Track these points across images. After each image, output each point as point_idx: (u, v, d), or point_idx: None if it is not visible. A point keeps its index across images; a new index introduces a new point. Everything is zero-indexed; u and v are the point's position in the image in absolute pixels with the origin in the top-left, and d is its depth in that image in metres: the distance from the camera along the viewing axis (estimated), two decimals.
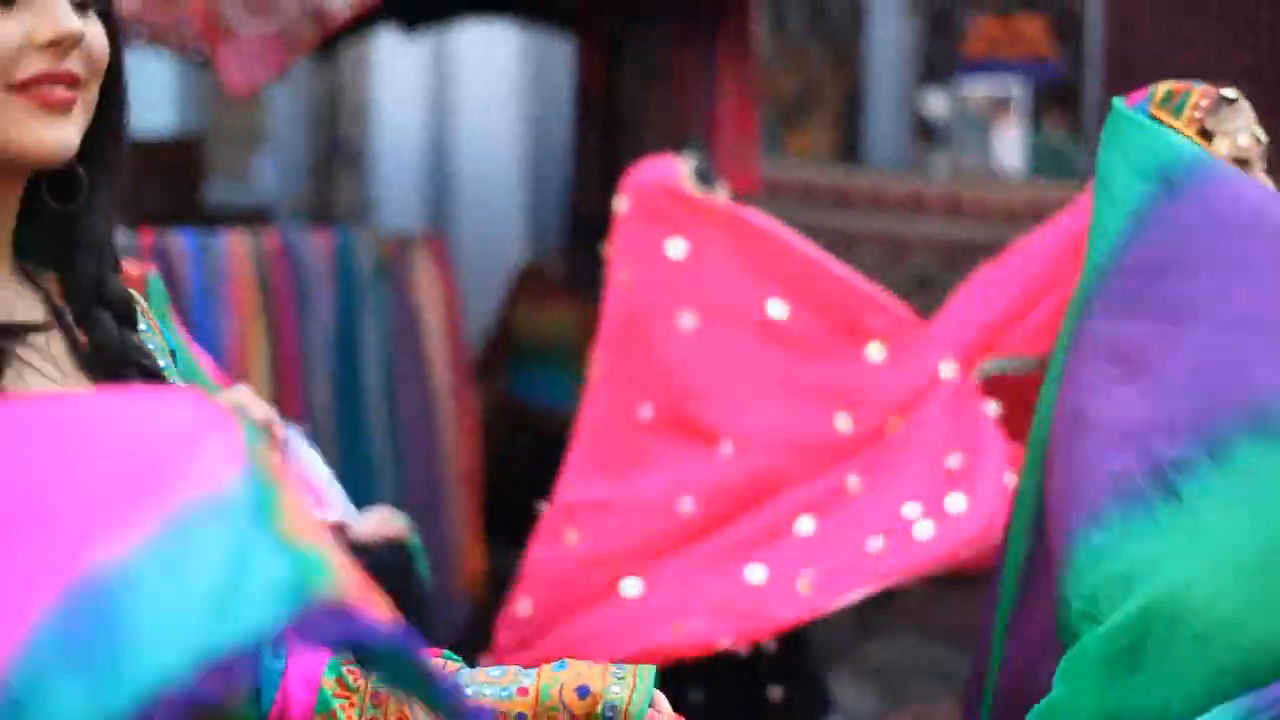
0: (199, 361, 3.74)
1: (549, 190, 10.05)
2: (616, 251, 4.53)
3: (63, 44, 1.72)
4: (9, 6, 1.70)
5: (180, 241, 6.01)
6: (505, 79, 10.34)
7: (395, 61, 10.45)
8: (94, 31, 1.77)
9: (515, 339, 8.06)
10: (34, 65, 1.71)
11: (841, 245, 6.54)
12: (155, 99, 11.47)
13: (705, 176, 4.62)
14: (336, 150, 11.11)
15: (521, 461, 7.54)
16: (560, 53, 9.64)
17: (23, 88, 1.71)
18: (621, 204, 4.58)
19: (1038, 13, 8.54)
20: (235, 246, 6.19)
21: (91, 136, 1.80)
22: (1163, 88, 2.74)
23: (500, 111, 10.34)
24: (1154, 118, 2.69)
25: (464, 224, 10.20)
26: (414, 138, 10.64)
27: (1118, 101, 2.71)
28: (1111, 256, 2.58)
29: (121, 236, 3.73)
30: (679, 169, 4.57)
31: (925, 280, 7.43)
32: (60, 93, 1.72)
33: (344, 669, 1.91)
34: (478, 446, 6.95)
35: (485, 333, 8.26)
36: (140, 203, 3.41)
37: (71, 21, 1.72)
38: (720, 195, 4.62)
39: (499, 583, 5.42)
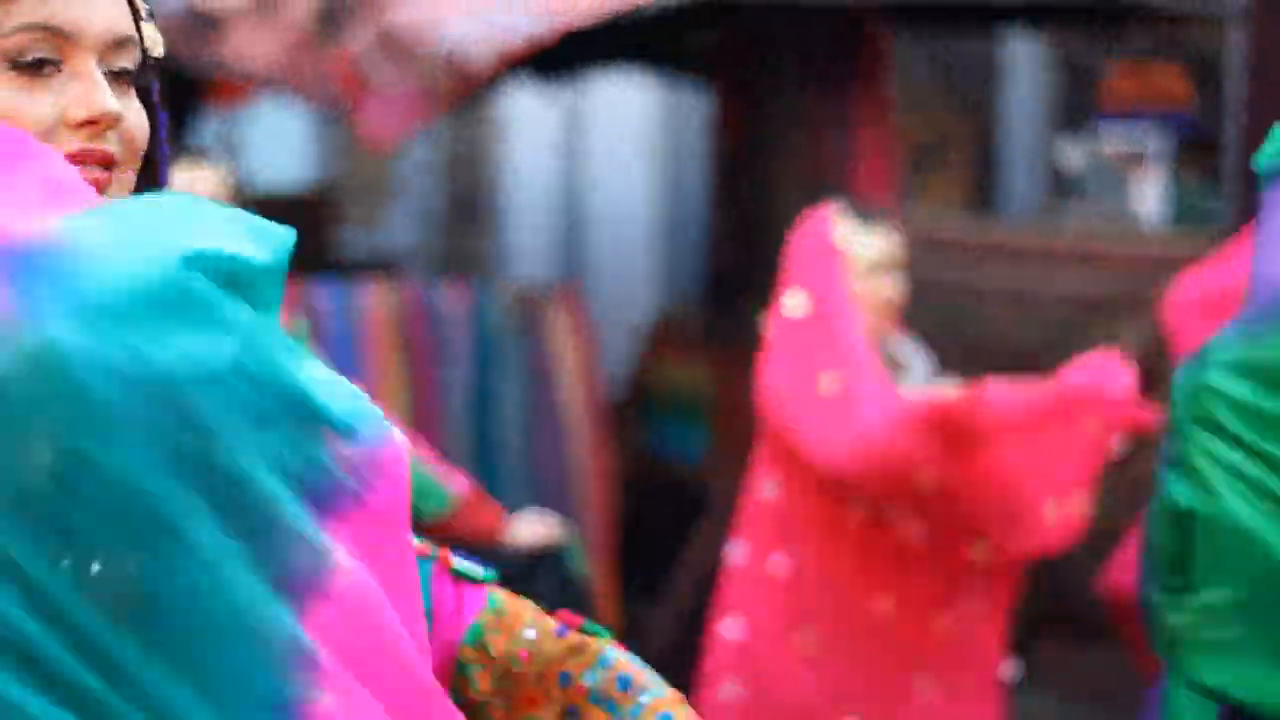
0: None
1: (683, 242, 10.07)
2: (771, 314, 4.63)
3: (99, 124, 1.61)
4: (38, 74, 1.60)
5: (319, 293, 6.08)
6: (638, 131, 10.38)
7: (529, 113, 10.52)
8: (133, 110, 1.66)
9: (650, 392, 8.08)
10: (66, 144, 1.60)
11: (971, 298, 6.50)
12: (290, 150, 11.61)
13: (862, 215, 4.64)
14: (469, 202, 11.20)
15: (655, 513, 7.55)
16: (693, 105, 9.67)
17: None
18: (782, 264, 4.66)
19: (1174, 61, 8.48)
20: (373, 299, 6.26)
21: None
22: None
23: (633, 163, 10.38)
24: None
25: (597, 276, 10.24)
26: (547, 189, 10.70)
27: None
28: None
29: None
30: (831, 214, 4.61)
31: (1063, 330, 7.37)
32: (94, 174, 1.60)
33: (486, 636, 1.87)
34: (613, 498, 6.97)
35: (620, 386, 8.28)
36: None
37: (109, 101, 1.61)
38: (881, 232, 4.63)
39: (634, 633, 5.44)
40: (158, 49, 1.72)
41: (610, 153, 10.42)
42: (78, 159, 1.60)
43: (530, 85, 9.06)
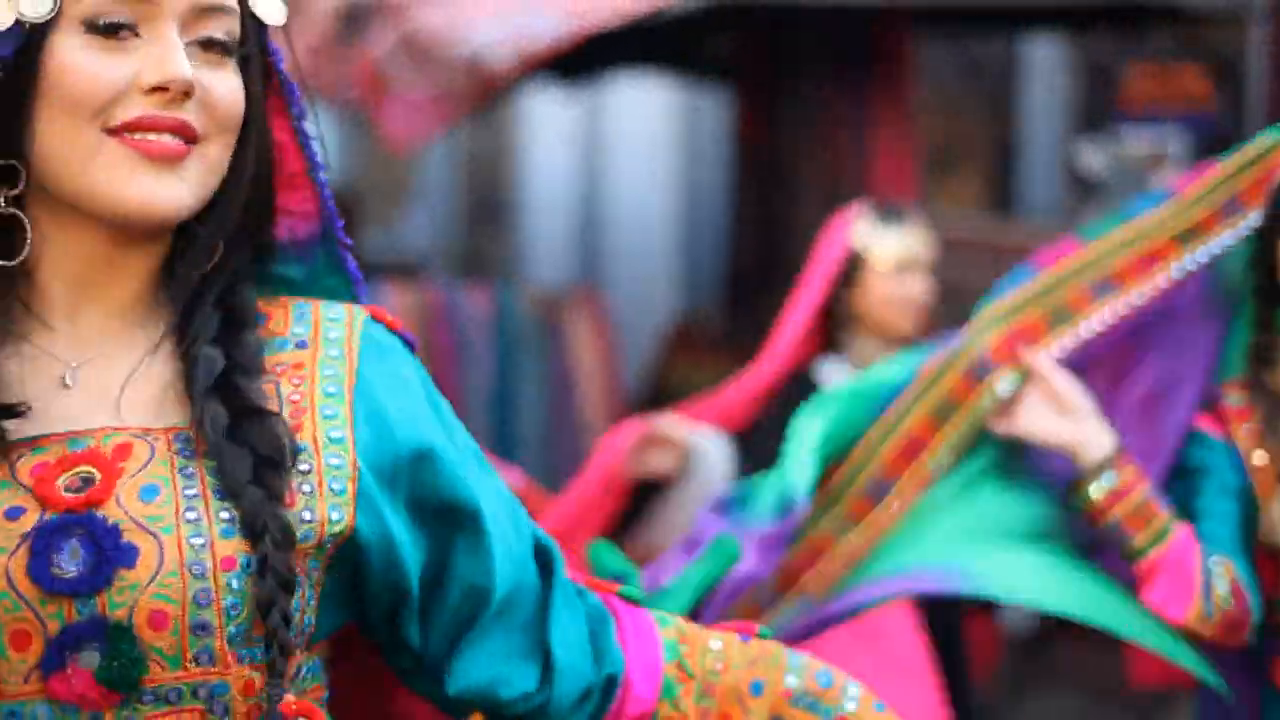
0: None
1: (702, 244, 10.08)
2: None
3: (169, 90, 1.56)
4: (114, 37, 1.57)
5: None
6: (658, 133, 10.39)
7: (549, 115, 10.53)
8: (222, 80, 1.61)
9: (670, 393, 8.08)
10: (136, 108, 1.57)
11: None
12: None
13: (890, 214, 4.60)
14: (489, 203, 11.21)
15: None
16: (713, 107, 9.67)
17: (121, 131, 1.57)
18: None
19: (1195, 62, 8.47)
20: (394, 300, 6.27)
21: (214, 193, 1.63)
22: None
23: (653, 165, 10.39)
24: None
25: (616, 278, 10.25)
26: (567, 191, 10.70)
27: None
28: None
29: None
30: (853, 215, 4.58)
31: None
32: (165, 143, 1.57)
33: (682, 653, 1.79)
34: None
35: (639, 387, 8.28)
36: None
37: (181, 67, 1.56)
38: (907, 231, 4.58)
39: None
40: (274, 16, 1.67)
41: (630, 155, 10.42)
42: (144, 125, 1.57)
43: (551, 87, 9.07)
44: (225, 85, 1.61)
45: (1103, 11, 8.10)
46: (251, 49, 1.66)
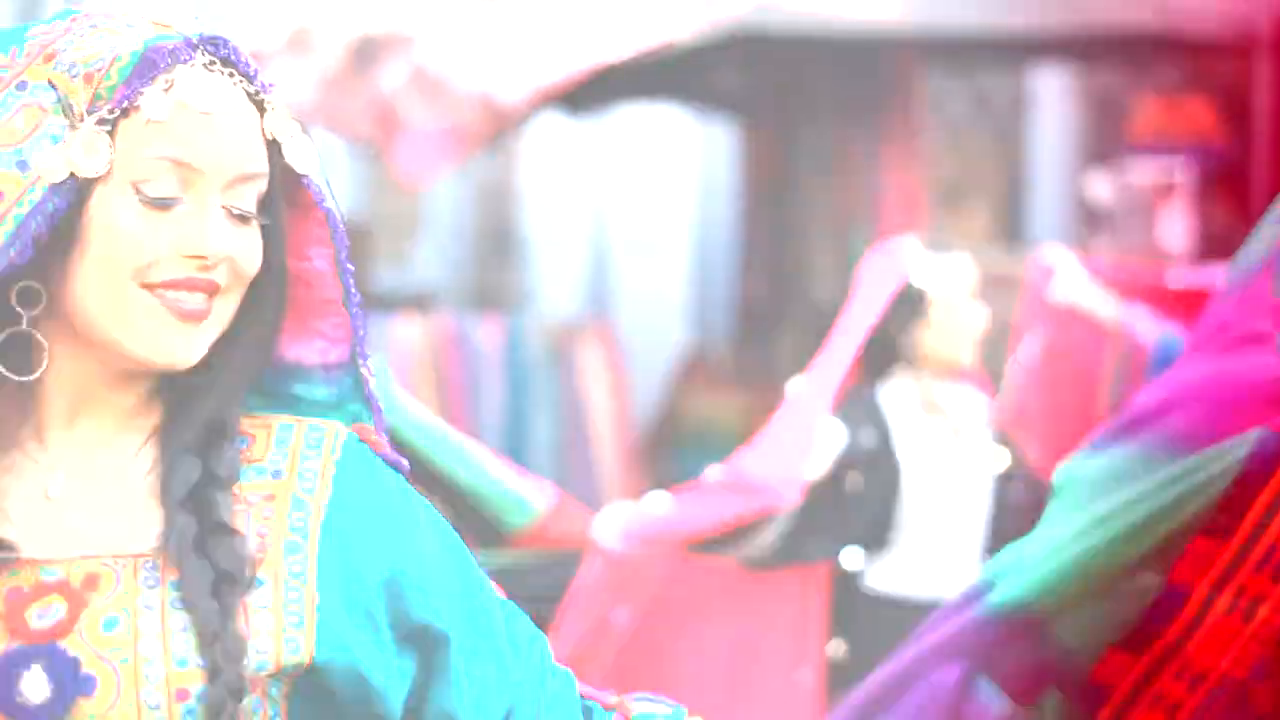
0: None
1: (712, 276, 10.09)
2: None
3: (206, 258, 1.66)
4: (163, 210, 1.66)
5: None
6: (668, 165, 10.41)
7: (559, 147, 10.56)
8: (247, 241, 1.69)
9: (680, 425, 8.09)
10: (172, 270, 1.66)
11: (1000, 331, 6.52)
12: None
13: (939, 247, 4.64)
14: (499, 236, 11.23)
15: None
16: (723, 140, 9.69)
17: (156, 288, 1.66)
18: None
19: (1202, 93, 8.48)
20: (406, 332, 6.30)
21: (234, 334, 1.71)
22: None
23: (663, 197, 10.41)
24: None
25: (626, 310, 10.26)
26: (577, 223, 10.72)
27: None
28: None
29: None
30: (905, 246, 4.61)
31: None
32: (194, 304, 1.67)
33: None
34: None
35: (650, 419, 8.29)
36: None
37: (219, 244, 1.66)
38: (959, 262, 4.61)
39: None
40: (306, 165, 1.72)
41: (640, 187, 10.44)
42: (183, 285, 1.65)
43: (561, 120, 9.10)
44: (249, 247, 1.69)
45: (1110, 43, 8.12)
46: (278, 208, 1.72)
